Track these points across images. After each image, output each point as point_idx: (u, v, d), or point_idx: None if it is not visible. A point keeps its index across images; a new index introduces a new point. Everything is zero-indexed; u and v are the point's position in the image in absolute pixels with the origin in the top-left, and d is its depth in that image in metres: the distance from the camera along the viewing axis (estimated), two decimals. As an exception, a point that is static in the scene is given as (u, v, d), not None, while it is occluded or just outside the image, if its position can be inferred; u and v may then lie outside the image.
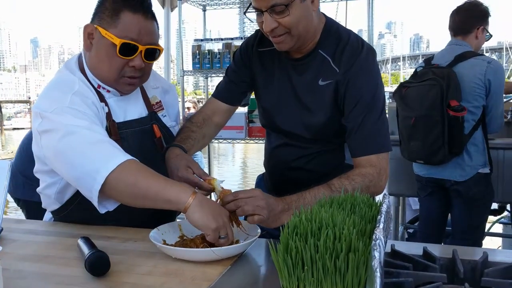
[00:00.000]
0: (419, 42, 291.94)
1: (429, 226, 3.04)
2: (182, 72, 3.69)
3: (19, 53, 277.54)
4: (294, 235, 0.85)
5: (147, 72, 1.53)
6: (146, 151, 1.54)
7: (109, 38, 1.42)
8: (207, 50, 3.53)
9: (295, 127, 1.57)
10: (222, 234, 1.21)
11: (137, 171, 1.28)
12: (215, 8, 3.95)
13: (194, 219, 1.21)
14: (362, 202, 1.03)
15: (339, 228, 0.85)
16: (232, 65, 1.73)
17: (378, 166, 1.45)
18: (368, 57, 1.49)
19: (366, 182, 1.41)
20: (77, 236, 1.30)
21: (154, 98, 1.66)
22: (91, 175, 1.27)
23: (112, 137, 1.45)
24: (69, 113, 1.35)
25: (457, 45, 2.77)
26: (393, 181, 3.41)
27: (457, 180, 2.72)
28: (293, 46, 1.46)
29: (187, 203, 1.21)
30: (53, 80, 1.52)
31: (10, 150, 24.64)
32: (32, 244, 1.37)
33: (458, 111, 2.55)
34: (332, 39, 1.51)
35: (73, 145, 1.32)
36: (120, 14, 1.42)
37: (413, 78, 2.80)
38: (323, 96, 1.50)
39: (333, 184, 1.38)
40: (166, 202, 1.24)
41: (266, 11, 1.37)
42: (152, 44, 1.46)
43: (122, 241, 1.36)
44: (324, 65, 1.50)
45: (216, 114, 1.72)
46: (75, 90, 1.43)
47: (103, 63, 1.46)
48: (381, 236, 0.79)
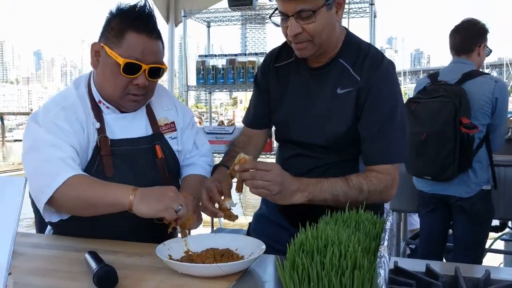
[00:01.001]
0: (420, 58, 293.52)
1: (431, 243, 3.04)
2: (187, 87, 3.73)
3: (22, 65, 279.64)
4: (300, 252, 0.87)
5: (151, 90, 1.57)
6: (141, 170, 1.57)
7: (114, 57, 1.46)
8: (211, 65, 3.57)
9: (313, 136, 1.57)
10: (175, 208, 1.30)
11: (79, 184, 1.40)
12: (219, 24, 4.00)
13: (142, 213, 1.32)
14: (367, 220, 1.05)
15: (345, 246, 0.87)
16: (254, 89, 1.76)
17: (393, 175, 1.48)
18: (388, 68, 1.52)
19: (381, 187, 1.45)
20: (83, 250, 1.32)
21: (164, 119, 1.68)
22: (40, 190, 1.42)
23: (102, 151, 1.52)
24: (45, 127, 1.48)
25: (463, 64, 2.81)
26: (395, 197, 3.41)
27: (462, 197, 2.74)
28: (314, 53, 1.49)
29: (130, 202, 1.32)
30: (59, 92, 1.64)
31: (11, 162, 24.65)
32: (39, 258, 1.39)
33: (470, 128, 2.59)
34: (353, 50, 1.54)
35: (31, 161, 1.47)
36: (125, 34, 1.46)
37: (422, 94, 2.82)
38: (342, 104, 1.51)
39: (351, 180, 1.42)
40: (110, 206, 1.37)
41: (292, 16, 1.40)
42: (156, 63, 1.50)
43: (128, 255, 1.38)
44: (344, 73, 1.52)
45: (252, 138, 1.75)
46: (65, 104, 1.53)
47: (108, 81, 1.51)
48: (386, 254, 0.81)
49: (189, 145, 1.73)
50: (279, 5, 1.43)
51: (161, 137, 1.65)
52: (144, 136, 1.61)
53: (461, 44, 2.82)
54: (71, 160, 1.44)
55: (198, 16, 3.82)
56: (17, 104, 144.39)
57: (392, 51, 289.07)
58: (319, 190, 1.38)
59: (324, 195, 1.39)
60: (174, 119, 1.70)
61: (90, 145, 1.53)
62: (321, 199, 1.39)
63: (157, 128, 1.64)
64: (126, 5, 1.51)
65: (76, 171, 1.42)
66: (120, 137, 1.57)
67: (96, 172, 1.51)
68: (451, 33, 2.89)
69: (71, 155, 1.45)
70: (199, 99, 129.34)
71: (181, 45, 4.05)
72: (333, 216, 1.10)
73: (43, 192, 1.40)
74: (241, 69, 3.45)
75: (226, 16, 3.79)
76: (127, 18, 1.47)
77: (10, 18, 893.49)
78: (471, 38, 2.80)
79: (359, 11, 3.32)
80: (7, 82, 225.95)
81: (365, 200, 1.38)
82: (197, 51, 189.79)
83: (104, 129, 1.54)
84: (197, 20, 3.91)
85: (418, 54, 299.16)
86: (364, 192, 1.42)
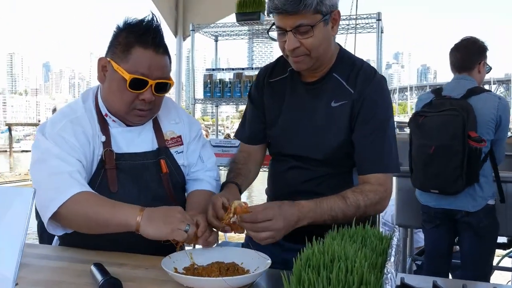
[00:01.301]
0: (426, 73, 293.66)
1: (436, 259, 3.01)
2: (194, 100, 3.75)
3: (31, 76, 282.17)
4: (307, 267, 0.87)
5: (157, 105, 1.57)
6: (145, 185, 1.57)
7: (120, 72, 1.46)
8: (219, 79, 3.60)
9: (309, 150, 1.59)
10: (183, 229, 1.28)
11: (87, 201, 1.39)
12: (227, 38, 4.04)
13: (149, 234, 1.31)
14: (373, 235, 1.05)
15: (351, 261, 0.86)
16: (249, 104, 1.78)
17: (385, 185, 1.51)
18: (381, 81, 1.57)
19: (377, 199, 1.48)
20: (89, 262, 1.32)
21: (170, 133, 1.67)
22: (46, 204, 1.41)
23: (107, 165, 1.52)
24: (53, 139, 1.48)
25: (466, 80, 2.85)
26: (401, 213, 3.40)
27: (469, 211, 2.73)
28: (310, 67, 1.53)
29: (137, 223, 1.32)
30: (67, 104, 1.65)
31: (18, 173, 24.74)
32: (45, 270, 1.39)
33: (478, 142, 2.61)
34: (346, 64, 1.58)
35: (38, 173, 1.47)
36: (132, 49, 1.46)
37: (428, 108, 2.84)
38: (337, 117, 1.54)
39: (348, 198, 1.44)
40: (117, 226, 1.36)
41: (290, 31, 1.43)
42: (162, 78, 1.50)
43: (133, 268, 1.38)
44: (338, 87, 1.56)
45: (251, 155, 1.76)
46: (73, 117, 1.53)
47: (115, 95, 1.51)
48: (392, 270, 0.81)
49: (194, 158, 1.72)
50: (276, 20, 1.47)
51: (167, 151, 1.64)
52: (149, 150, 1.60)
53: (462, 61, 2.88)
54: (78, 175, 1.44)
55: (206, 30, 3.86)
56: (25, 115, 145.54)
57: (399, 66, 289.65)
58: (318, 214, 1.40)
59: (323, 217, 1.41)
60: (181, 133, 1.69)
61: (95, 158, 1.53)
62: (321, 221, 1.41)
63: (162, 142, 1.63)
64: (133, 20, 1.51)
65: (83, 187, 1.42)
66: (125, 151, 1.57)
67: (100, 185, 1.51)
68: (451, 51, 2.95)
69: (78, 169, 1.46)
70: (206, 112, 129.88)
71: (188, 58, 4.08)
72: (340, 231, 1.09)
73: (48, 206, 1.40)
74: (248, 83, 3.47)
75: (233, 31, 3.82)
76: (134, 33, 1.47)
77: (20, 30, 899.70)
78: (472, 56, 2.87)
79: (366, 26, 3.34)
80: (16, 93, 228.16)
81: (362, 215, 1.43)
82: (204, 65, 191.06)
83: (109, 143, 1.54)
84: (205, 34, 3.95)
85: (425, 70, 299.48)
86: (361, 208, 1.45)
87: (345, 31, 3.55)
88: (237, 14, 3.52)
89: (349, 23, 3.37)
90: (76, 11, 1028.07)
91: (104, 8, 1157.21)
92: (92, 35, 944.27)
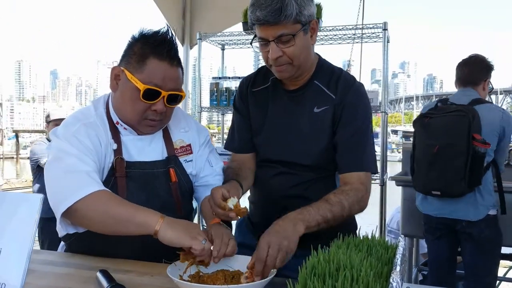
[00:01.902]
0: (432, 83, 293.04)
1: (439, 270, 3.00)
2: (200, 109, 3.77)
3: (38, 84, 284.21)
4: (312, 276, 0.87)
5: (168, 116, 1.59)
6: (154, 194, 1.57)
7: (134, 82, 1.48)
8: (225, 87, 3.61)
9: (294, 155, 1.65)
10: (201, 240, 1.28)
11: (108, 200, 1.39)
12: (233, 47, 4.05)
13: (167, 238, 1.30)
14: (379, 244, 1.04)
15: (357, 270, 0.86)
16: (235, 114, 1.81)
17: (365, 183, 1.57)
18: (361, 88, 1.66)
19: (358, 197, 1.52)
20: (94, 269, 1.33)
21: (180, 141, 1.68)
22: (61, 199, 1.40)
23: (117, 173, 1.53)
24: (68, 140, 1.48)
25: (471, 92, 2.91)
26: (406, 222, 3.39)
27: (470, 220, 2.72)
28: (293, 75, 1.59)
29: (156, 226, 1.31)
30: (78, 109, 1.67)
31: (25, 179, 24.84)
32: (50, 275, 1.40)
33: (483, 143, 2.63)
34: (326, 72, 1.67)
35: (54, 171, 1.47)
36: (147, 60, 1.48)
37: (434, 110, 2.86)
38: (319, 122, 1.62)
39: (330, 199, 1.47)
40: (137, 226, 1.35)
41: (273, 41, 1.50)
42: (175, 90, 1.52)
43: (139, 275, 1.38)
44: (319, 93, 1.64)
45: (244, 163, 1.77)
46: (86, 121, 1.55)
47: (127, 105, 1.53)
48: (398, 279, 0.80)
49: (202, 163, 1.72)
50: (258, 32, 1.53)
51: (176, 160, 1.65)
52: (159, 160, 1.61)
53: (468, 76, 2.94)
54: (95, 174, 1.45)
55: (213, 39, 3.88)
56: (32, 122, 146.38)
57: (405, 76, 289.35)
58: (309, 217, 1.39)
59: (315, 219, 1.41)
60: (190, 141, 1.71)
61: (106, 165, 1.54)
62: (315, 224, 1.41)
63: (172, 151, 1.64)
64: (149, 31, 1.54)
65: (102, 186, 1.43)
66: (136, 159, 1.57)
67: None
68: (458, 65, 3.01)
69: (95, 170, 1.46)
70: (211, 120, 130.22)
71: (195, 67, 4.10)
72: (345, 240, 1.09)
73: (62, 202, 1.39)
74: (253, 92, 3.48)
75: (240, 40, 3.84)
76: (149, 44, 1.49)
77: (28, 37, 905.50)
78: (479, 73, 2.93)
79: (372, 36, 3.34)
80: (23, 100, 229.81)
81: (348, 215, 1.50)
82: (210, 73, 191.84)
83: (120, 151, 1.55)
84: (211, 43, 3.97)
85: (431, 79, 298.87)
86: (346, 208, 1.48)
87: (351, 40, 3.56)
88: (243, 23, 3.53)
89: (356, 33, 3.38)
90: (85, 20, 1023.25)
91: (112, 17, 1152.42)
92: (99, 43, 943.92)
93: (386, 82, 3.26)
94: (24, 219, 0.88)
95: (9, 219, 0.90)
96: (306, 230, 1.37)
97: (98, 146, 1.52)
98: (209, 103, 3.67)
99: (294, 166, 1.66)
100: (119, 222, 1.37)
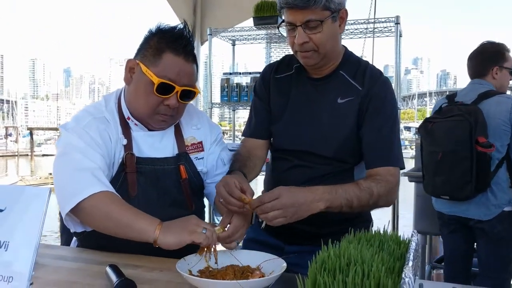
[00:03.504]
0: (446, 78, 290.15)
1: (455, 265, 2.96)
2: (211, 105, 3.76)
3: (52, 82, 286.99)
4: (322, 271, 0.86)
5: (180, 112, 1.58)
6: (164, 190, 1.57)
7: (148, 75, 1.47)
8: (235, 83, 3.60)
9: (313, 146, 1.60)
10: (202, 231, 1.28)
11: (111, 202, 1.38)
12: (244, 43, 4.04)
13: (169, 243, 1.29)
14: (391, 239, 1.03)
15: (368, 265, 0.85)
16: (255, 99, 1.78)
17: (396, 177, 1.52)
18: (387, 80, 1.62)
19: (388, 189, 1.48)
20: (104, 264, 1.33)
21: (191, 138, 1.67)
22: (66, 199, 1.40)
23: (128, 169, 1.52)
24: (77, 133, 1.48)
25: (480, 84, 2.82)
26: (420, 219, 3.36)
27: (481, 219, 2.68)
28: (318, 63, 1.56)
29: (155, 234, 1.29)
30: (90, 104, 1.66)
31: (39, 176, 25.17)
32: (61, 270, 1.40)
33: (486, 147, 2.55)
34: (352, 63, 1.63)
35: (60, 168, 1.47)
36: (163, 54, 1.48)
37: (438, 114, 2.83)
38: (343, 113, 1.57)
39: (361, 184, 1.45)
40: (135, 232, 1.33)
41: (300, 26, 1.47)
42: (189, 85, 1.51)
43: (149, 270, 1.38)
44: (344, 84, 1.59)
45: (255, 150, 1.73)
46: (97, 116, 1.54)
47: (140, 98, 1.52)
48: (411, 275, 0.78)
49: (213, 160, 1.71)
50: (286, 16, 1.50)
51: (187, 156, 1.64)
52: (170, 156, 1.60)
53: (474, 67, 2.88)
54: (100, 172, 1.44)
55: (224, 34, 3.87)
56: (47, 119, 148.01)
57: (418, 72, 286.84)
58: (334, 197, 1.38)
59: (339, 201, 1.39)
60: (202, 139, 1.70)
61: (116, 161, 1.54)
62: (337, 205, 1.39)
63: (183, 148, 1.64)
64: (167, 26, 1.54)
65: (104, 186, 1.41)
66: (146, 155, 1.57)
67: (120, 189, 1.51)
68: (468, 57, 2.94)
69: (101, 166, 1.45)
70: (223, 117, 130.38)
71: (206, 63, 4.10)
72: (357, 235, 1.08)
73: (68, 201, 1.39)
74: (264, 87, 3.46)
75: (251, 35, 3.82)
76: (166, 39, 1.49)
77: (42, 37, 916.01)
78: (484, 62, 2.84)
79: (384, 30, 3.31)
80: (37, 98, 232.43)
81: (374, 204, 1.46)
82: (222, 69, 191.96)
83: (131, 146, 1.55)
84: (222, 38, 3.96)
85: (444, 75, 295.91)
86: (374, 195, 1.44)
87: (363, 35, 3.53)
88: (254, 18, 3.52)
89: (368, 27, 3.34)
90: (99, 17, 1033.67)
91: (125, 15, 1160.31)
92: (112, 41, 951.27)
93: (398, 77, 3.23)
94: (32, 212, 0.88)
95: (16, 213, 0.90)
96: (326, 210, 1.37)
97: (107, 140, 1.52)
98: (220, 99, 3.66)
99: (311, 157, 1.61)
100: (118, 227, 1.37)
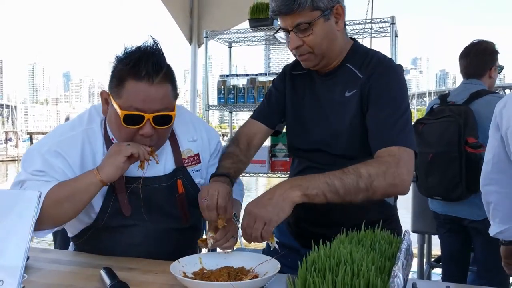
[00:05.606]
0: (445, 78, 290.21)
1: (452, 264, 2.96)
2: (208, 107, 3.76)
3: (51, 86, 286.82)
4: (312, 271, 0.86)
5: (162, 137, 1.48)
6: (158, 207, 1.53)
7: (116, 107, 1.39)
8: (232, 85, 3.59)
9: (323, 144, 1.56)
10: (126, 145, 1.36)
11: (50, 192, 1.35)
12: (241, 45, 4.04)
13: (111, 172, 1.35)
14: (383, 239, 1.03)
15: (358, 265, 0.85)
16: (271, 88, 1.77)
17: (398, 156, 1.35)
18: (396, 67, 1.52)
19: (383, 169, 1.31)
20: (99, 267, 1.33)
21: (188, 151, 1.62)
22: None
23: (117, 190, 1.48)
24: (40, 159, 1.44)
25: (472, 84, 2.79)
26: (418, 219, 3.36)
27: (475, 219, 2.68)
28: (318, 64, 1.54)
29: (97, 176, 1.34)
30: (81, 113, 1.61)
31: (39, 180, 24.95)
32: (56, 273, 1.40)
33: (475, 147, 2.55)
34: (360, 55, 1.57)
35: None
36: (125, 83, 1.37)
37: (429, 115, 2.83)
38: (350, 107, 1.51)
39: (346, 168, 1.31)
40: (84, 190, 1.36)
41: (292, 30, 1.46)
42: (161, 110, 1.39)
43: (143, 272, 1.38)
44: (350, 76, 1.54)
45: (256, 136, 1.71)
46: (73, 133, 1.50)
47: (115, 130, 1.46)
48: (399, 273, 0.79)
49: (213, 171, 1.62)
50: (279, 22, 1.51)
51: (184, 170, 1.59)
52: (166, 174, 1.55)
53: (471, 68, 2.82)
54: None
55: (220, 37, 3.86)
56: (46, 124, 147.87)
57: (417, 72, 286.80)
58: (310, 182, 1.27)
59: (318, 185, 1.27)
60: (198, 150, 1.65)
61: None
62: (319, 193, 1.27)
63: (180, 161, 1.58)
64: (131, 48, 1.42)
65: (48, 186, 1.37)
66: (137, 174, 1.48)
67: (112, 208, 1.48)
68: (460, 56, 2.88)
69: None
70: (223, 119, 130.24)
71: (203, 66, 4.10)
72: (349, 235, 1.08)
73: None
74: (261, 89, 3.46)
75: (247, 37, 3.81)
76: (126, 65, 1.38)
77: (41, 41, 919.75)
78: (482, 63, 2.80)
79: (380, 30, 3.30)
80: (37, 102, 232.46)
81: (370, 187, 1.28)
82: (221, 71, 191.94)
83: None
84: (219, 41, 3.95)
85: (444, 75, 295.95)
86: (363, 176, 1.28)
87: (359, 35, 3.52)
88: (250, 20, 3.52)
89: (364, 27, 3.35)
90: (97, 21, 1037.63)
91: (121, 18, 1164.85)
92: (111, 44, 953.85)
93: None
94: (21, 216, 0.88)
95: (6, 217, 0.90)
96: (306, 198, 1.26)
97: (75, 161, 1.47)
98: (217, 101, 3.66)
99: (321, 158, 1.57)
100: (71, 199, 1.37)
